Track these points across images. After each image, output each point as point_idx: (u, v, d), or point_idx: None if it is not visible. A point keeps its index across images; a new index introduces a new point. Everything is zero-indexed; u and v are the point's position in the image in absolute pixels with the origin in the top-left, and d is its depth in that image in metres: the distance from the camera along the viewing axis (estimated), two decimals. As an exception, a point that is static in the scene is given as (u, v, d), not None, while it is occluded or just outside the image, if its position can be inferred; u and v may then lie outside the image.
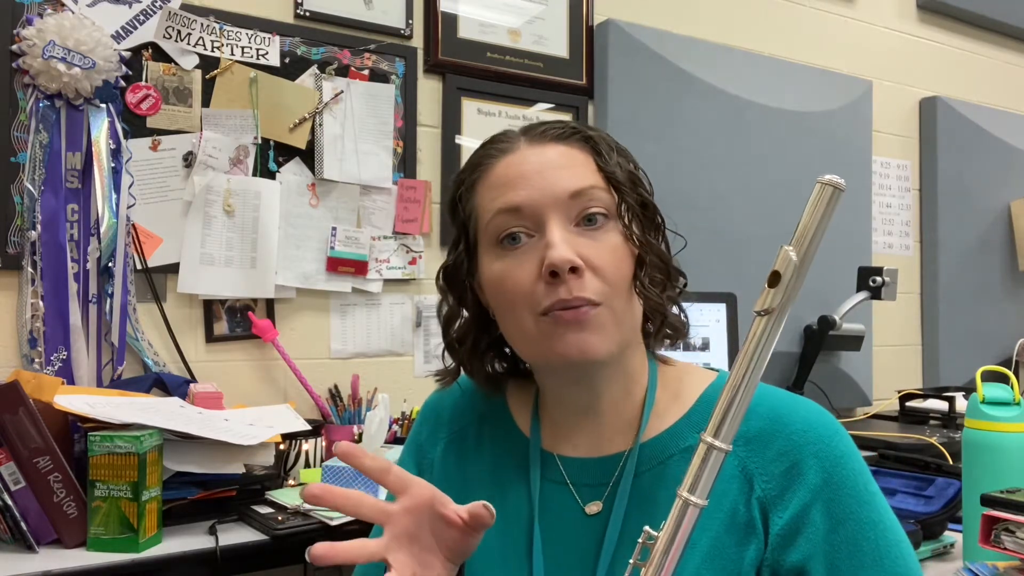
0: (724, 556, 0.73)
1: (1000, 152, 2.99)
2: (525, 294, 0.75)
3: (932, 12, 2.93)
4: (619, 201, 0.77)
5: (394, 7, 1.95)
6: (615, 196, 0.77)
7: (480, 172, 0.81)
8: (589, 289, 0.74)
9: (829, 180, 0.60)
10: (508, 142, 0.81)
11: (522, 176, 0.77)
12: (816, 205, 0.60)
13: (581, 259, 0.74)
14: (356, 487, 1.41)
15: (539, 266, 0.74)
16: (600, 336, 0.74)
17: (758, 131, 2.42)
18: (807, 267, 0.60)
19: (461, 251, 0.83)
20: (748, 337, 0.62)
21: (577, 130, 0.80)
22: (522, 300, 0.76)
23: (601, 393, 0.81)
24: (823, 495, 0.73)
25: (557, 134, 0.80)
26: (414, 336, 1.97)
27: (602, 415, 0.81)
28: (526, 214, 0.76)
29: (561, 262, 0.72)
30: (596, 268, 0.75)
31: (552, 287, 0.74)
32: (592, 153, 0.79)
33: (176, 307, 1.71)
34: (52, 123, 1.56)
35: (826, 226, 0.60)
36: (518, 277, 0.76)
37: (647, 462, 0.79)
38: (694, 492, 0.61)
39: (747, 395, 0.62)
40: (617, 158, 0.80)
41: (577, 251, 0.74)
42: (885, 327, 2.72)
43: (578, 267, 0.73)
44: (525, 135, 0.81)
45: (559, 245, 0.73)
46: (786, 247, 0.61)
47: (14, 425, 1.24)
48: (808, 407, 0.78)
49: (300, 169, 1.83)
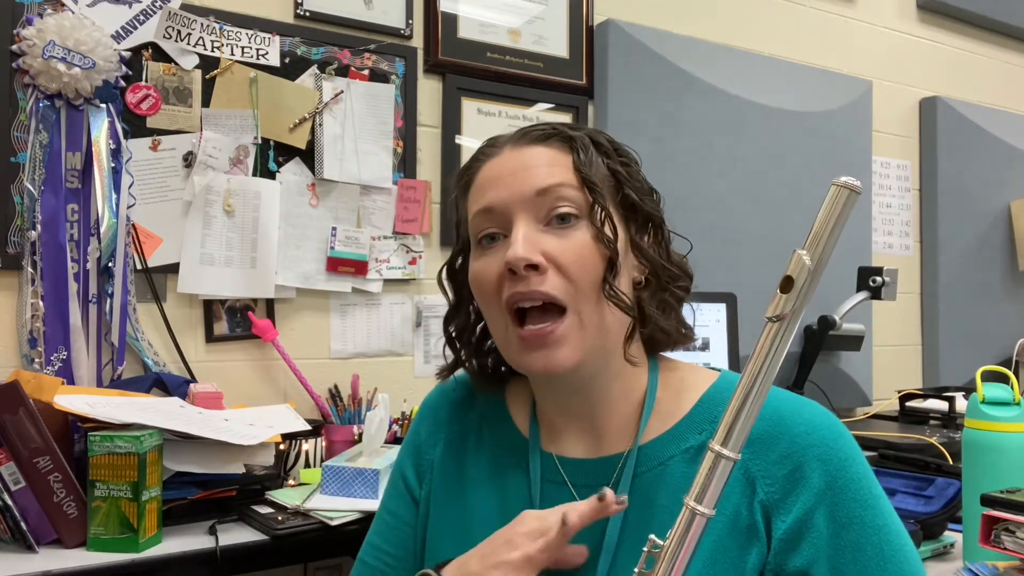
0: (726, 560, 0.72)
1: (1000, 152, 2.99)
2: (493, 292, 0.78)
3: (932, 12, 2.93)
4: (591, 200, 0.77)
5: (394, 7, 1.95)
6: (589, 196, 0.77)
7: (469, 176, 0.84)
8: (549, 285, 0.74)
9: (845, 182, 0.57)
10: (496, 147, 0.83)
11: (498, 178, 0.79)
12: (831, 208, 0.57)
13: (544, 256, 0.75)
14: (356, 488, 1.41)
15: (504, 262, 0.76)
16: (565, 348, 0.75)
17: (758, 131, 2.42)
18: (821, 272, 0.57)
19: (459, 250, 0.86)
20: (759, 344, 0.59)
21: (558, 131, 0.81)
22: (491, 296, 0.78)
23: (595, 397, 0.80)
24: (827, 499, 0.72)
25: (538, 136, 0.81)
26: (414, 336, 1.97)
27: (599, 417, 0.81)
28: (497, 214, 0.78)
29: (515, 260, 0.74)
30: (560, 266, 0.75)
31: (512, 283, 0.75)
32: (570, 152, 0.79)
33: (176, 307, 1.71)
34: (52, 123, 1.56)
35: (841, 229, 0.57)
36: (488, 275, 0.78)
37: (647, 463, 0.78)
38: (701, 501, 0.60)
39: (757, 403, 0.60)
40: (597, 157, 0.80)
41: (541, 248, 0.75)
42: (885, 327, 2.72)
43: (537, 263, 0.74)
44: (511, 139, 0.83)
45: (517, 243, 0.75)
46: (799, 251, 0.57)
47: (14, 425, 1.24)
48: (811, 409, 0.77)
49: (300, 169, 1.83)
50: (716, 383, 0.82)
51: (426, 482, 0.89)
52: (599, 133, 0.83)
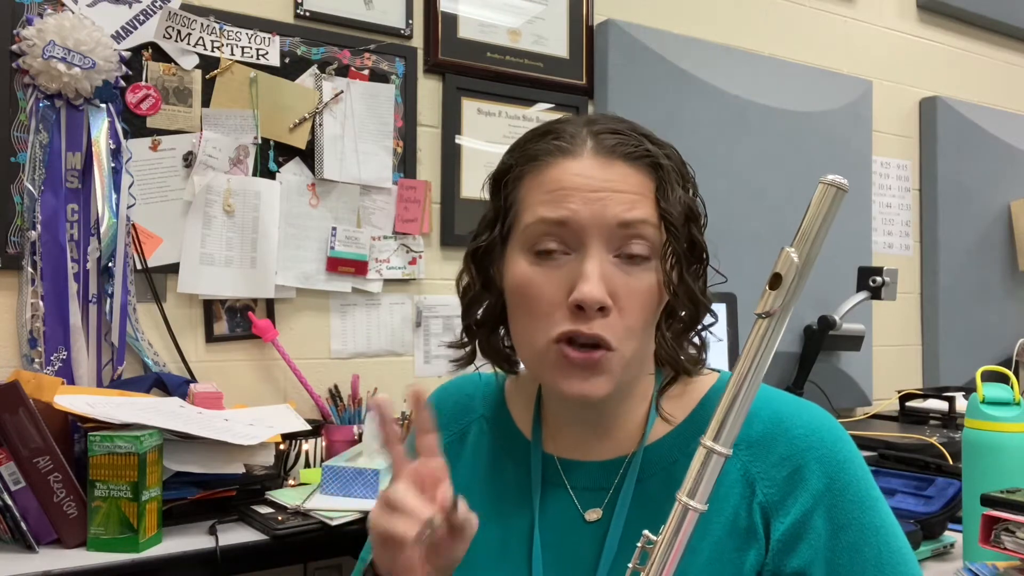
0: (724, 561, 0.72)
1: (1000, 152, 2.99)
2: (545, 312, 0.73)
3: (932, 12, 2.92)
4: (666, 242, 0.73)
5: (394, 7, 1.95)
6: (664, 235, 0.74)
7: (533, 166, 0.76)
8: (610, 331, 0.72)
9: (832, 180, 0.58)
10: (572, 142, 0.75)
11: (577, 190, 0.73)
12: (819, 206, 0.59)
13: (611, 297, 0.71)
14: (356, 488, 1.42)
15: (567, 288, 0.72)
16: (604, 379, 0.73)
17: (758, 131, 2.42)
18: (809, 269, 0.59)
19: (496, 236, 0.79)
20: (749, 340, 0.61)
21: (649, 153, 0.75)
22: (541, 316, 0.73)
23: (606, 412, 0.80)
24: (825, 500, 0.72)
25: (627, 151, 0.75)
26: (414, 336, 1.97)
27: (606, 424, 0.81)
28: (570, 230, 0.73)
29: (591, 302, 0.70)
30: (623, 309, 0.72)
31: (575, 318, 0.72)
32: (656, 183, 0.75)
33: (176, 307, 1.71)
34: (52, 123, 1.56)
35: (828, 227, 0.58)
36: (543, 292, 0.73)
37: (651, 467, 0.78)
38: (693, 496, 0.61)
39: (748, 399, 0.61)
40: (679, 192, 0.76)
41: (610, 286, 0.71)
42: (885, 327, 2.72)
43: (607, 307, 0.71)
44: (593, 139, 0.75)
45: (593, 281, 0.70)
46: (787, 248, 0.59)
47: (14, 425, 1.24)
48: (811, 411, 0.77)
49: (300, 169, 1.83)
50: (716, 384, 0.82)
51: None
52: (674, 152, 0.79)
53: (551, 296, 0.73)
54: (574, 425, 0.82)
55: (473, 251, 0.81)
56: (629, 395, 0.80)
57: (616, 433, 0.81)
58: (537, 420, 0.85)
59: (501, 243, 0.78)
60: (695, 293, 0.75)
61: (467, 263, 0.81)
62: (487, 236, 0.79)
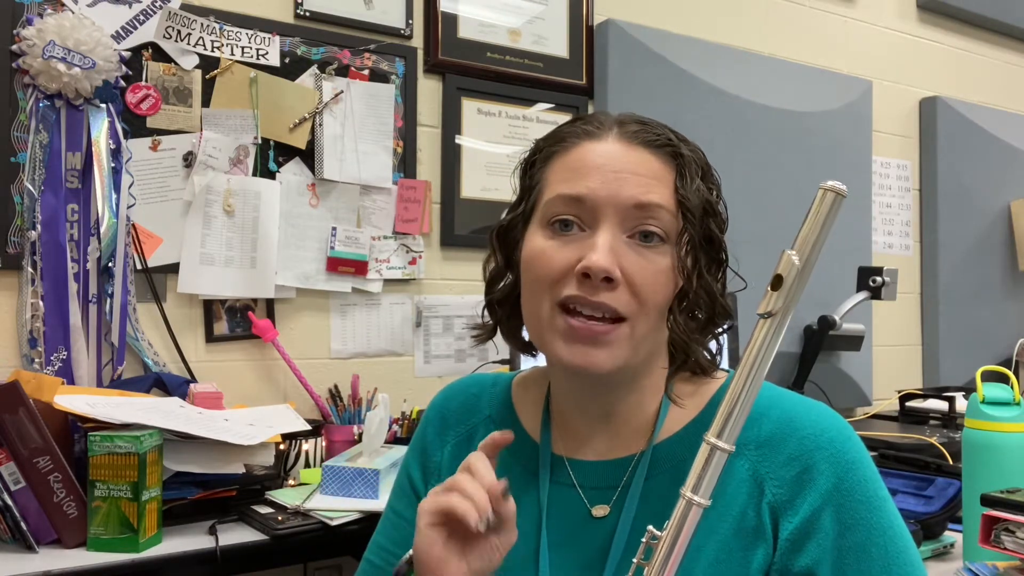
0: (731, 560, 0.73)
1: (1000, 152, 2.99)
2: (552, 280, 0.74)
3: (932, 12, 2.93)
4: (682, 229, 0.75)
5: (394, 7, 1.95)
6: (680, 222, 0.75)
7: (561, 147, 0.79)
8: (618, 301, 0.72)
9: (831, 186, 0.60)
10: (599, 128, 0.78)
11: (597, 168, 0.75)
12: (818, 211, 0.61)
13: (620, 271, 0.72)
14: (356, 488, 1.41)
15: (576, 259, 0.73)
16: (609, 352, 0.73)
17: (758, 131, 2.42)
18: (809, 271, 0.61)
19: (519, 215, 0.81)
20: (751, 340, 0.63)
21: (671, 143, 0.78)
22: (546, 283, 0.75)
23: (616, 403, 0.80)
24: (834, 500, 0.72)
25: (649, 139, 0.77)
26: (414, 336, 1.97)
27: (616, 421, 0.81)
28: (585, 206, 0.74)
29: (596, 268, 0.71)
30: (633, 284, 0.73)
31: (580, 285, 0.72)
32: (675, 171, 0.76)
33: (176, 307, 1.71)
34: (52, 123, 1.56)
35: (828, 231, 0.61)
36: (552, 262, 0.74)
37: (659, 465, 0.78)
38: (697, 492, 0.62)
39: (750, 397, 0.63)
40: (699, 183, 0.77)
41: (620, 262, 0.72)
42: (885, 327, 2.72)
43: (613, 278, 0.72)
44: (619, 126, 0.78)
45: (601, 251, 0.71)
46: (788, 251, 0.61)
47: (14, 425, 1.24)
48: (820, 411, 0.77)
49: (300, 169, 1.83)
50: (724, 383, 0.82)
51: (432, 483, 0.89)
52: (699, 151, 0.81)
53: (560, 266, 0.74)
54: (583, 421, 0.82)
55: (498, 229, 0.83)
56: (639, 387, 0.80)
57: (625, 430, 0.81)
58: (546, 422, 0.85)
59: (524, 222, 0.80)
60: (711, 287, 0.76)
61: (491, 241, 0.84)
62: (511, 215, 0.82)
